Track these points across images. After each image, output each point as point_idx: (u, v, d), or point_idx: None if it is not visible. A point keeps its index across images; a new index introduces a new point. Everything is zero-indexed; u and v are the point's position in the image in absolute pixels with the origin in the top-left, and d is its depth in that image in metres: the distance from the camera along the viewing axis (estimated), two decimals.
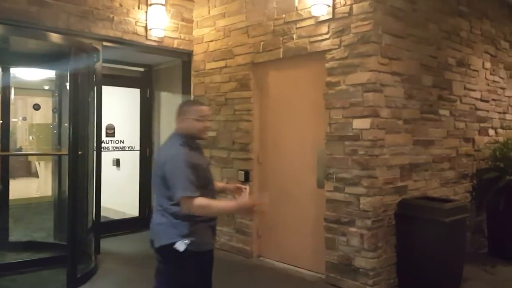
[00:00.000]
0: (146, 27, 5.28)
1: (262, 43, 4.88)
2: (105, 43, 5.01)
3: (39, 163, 9.61)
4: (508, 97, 6.05)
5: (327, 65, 4.21)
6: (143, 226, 6.33)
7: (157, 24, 5.28)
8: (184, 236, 2.44)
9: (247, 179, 5.06)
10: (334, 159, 4.17)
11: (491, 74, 5.61)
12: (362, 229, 3.96)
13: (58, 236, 5.60)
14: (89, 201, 4.67)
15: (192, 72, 5.84)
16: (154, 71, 6.55)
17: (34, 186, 9.66)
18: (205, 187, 2.53)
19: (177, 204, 2.43)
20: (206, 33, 5.59)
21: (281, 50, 4.66)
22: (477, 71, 5.35)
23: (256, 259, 5.04)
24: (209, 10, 5.56)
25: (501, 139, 5.62)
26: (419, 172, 4.46)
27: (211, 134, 5.52)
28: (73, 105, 4.05)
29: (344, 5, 4.08)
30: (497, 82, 5.76)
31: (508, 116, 6.05)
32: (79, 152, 4.15)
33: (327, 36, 4.22)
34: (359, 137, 3.97)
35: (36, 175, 10.04)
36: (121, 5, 5.07)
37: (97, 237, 4.94)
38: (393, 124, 4.12)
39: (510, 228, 5.07)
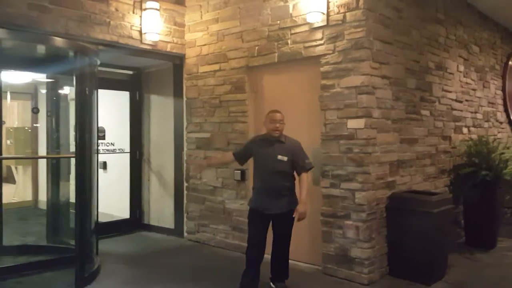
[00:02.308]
0: (140, 31, 5.40)
1: (256, 47, 5.10)
2: (101, 47, 5.09)
3: (16, 168, 9.42)
4: (479, 97, 6.56)
5: (322, 69, 4.49)
6: (135, 228, 6.45)
7: (151, 28, 5.40)
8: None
9: (243, 178, 5.27)
10: (329, 157, 4.45)
11: (464, 76, 6.09)
12: (358, 222, 4.26)
13: (52, 239, 5.62)
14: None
15: (185, 75, 5.99)
16: (144, 74, 6.64)
17: (10, 191, 9.45)
18: (256, 166, 3.99)
19: None
20: (199, 37, 5.76)
21: (276, 54, 4.91)
22: (453, 73, 5.79)
23: None
24: (201, 15, 5.73)
25: (473, 136, 6.09)
26: (405, 168, 4.82)
27: (205, 135, 5.72)
28: (80, 109, 4.14)
29: (338, 13, 4.37)
30: (469, 84, 6.25)
31: (478, 116, 6.56)
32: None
33: (321, 42, 4.50)
34: (353, 136, 4.27)
35: (8, 180, 9.81)
36: (117, 10, 5.17)
37: (97, 238, 5.01)
38: (383, 124, 4.45)
39: (485, 219, 5.52)
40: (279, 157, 3.83)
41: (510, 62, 7.73)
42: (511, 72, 7.81)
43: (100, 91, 5.94)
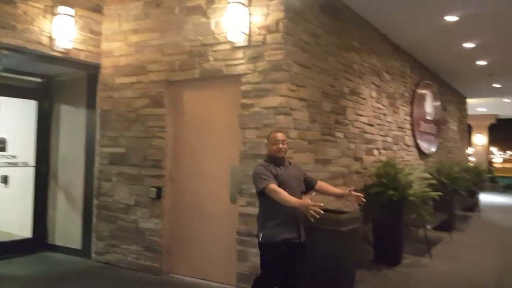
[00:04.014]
0: (51, 37, 5.04)
1: (177, 62, 5.00)
2: (5, 52, 4.67)
3: None
4: (389, 122, 7.01)
5: (243, 88, 4.50)
6: (37, 248, 5.91)
7: (63, 34, 5.07)
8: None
9: (159, 196, 5.07)
10: (247, 176, 4.41)
11: (376, 102, 6.48)
12: None
13: None
14: None
15: (99, 86, 5.69)
16: (55, 83, 6.19)
17: None
18: None
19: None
20: (116, 47, 5.52)
21: (198, 70, 4.84)
22: (365, 99, 6.13)
23: (166, 276, 5.04)
24: (119, 25, 5.51)
25: (383, 158, 6.46)
26: None
27: (119, 150, 5.45)
28: None
29: (259, 34, 4.43)
30: (381, 109, 6.66)
31: (388, 139, 6.99)
32: None
33: (242, 61, 4.52)
34: None
35: None
36: (25, 13, 4.79)
37: None
38: (299, 144, 4.55)
39: (391, 236, 5.84)
40: (298, 176, 3.58)
41: (418, 90, 8.39)
42: (419, 99, 8.47)
43: (3, 99, 5.48)
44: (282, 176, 3.40)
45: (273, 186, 3.23)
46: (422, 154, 8.71)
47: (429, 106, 9.13)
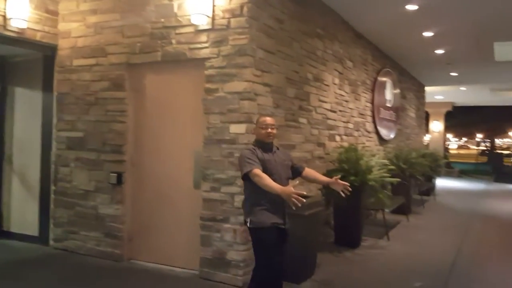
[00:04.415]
0: (5, 16, 4.77)
1: (138, 44, 4.86)
2: None
3: None
4: (351, 109, 7.13)
5: (206, 72, 4.45)
6: None
7: (17, 14, 4.80)
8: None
9: (119, 181, 4.97)
10: (211, 161, 4.42)
11: (338, 88, 6.57)
12: (235, 225, 4.30)
13: None
14: None
15: (56, 68, 5.46)
16: (8, 64, 5.88)
17: None
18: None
19: None
20: (74, 28, 5.30)
21: (160, 53, 4.73)
22: (328, 85, 6.21)
23: (127, 262, 4.98)
24: (77, 5, 5.28)
25: (345, 144, 6.59)
26: None
27: (78, 134, 5.28)
28: None
29: (223, 18, 4.37)
30: (343, 96, 6.76)
31: (350, 125, 7.13)
32: None
33: (206, 45, 4.46)
34: (235, 141, 4.30)
35: None
36: None
37: None
38: None
39: (351, 220, 6.00)
40: (286, 162, 3.51)
41: (378, 78, 8.57)
42: (380, 87, 8.66)
43: None
44: (269, 161, 3.32)
45: (257, 171, 3.15)
46: (381, 140, 8.96)
47: (389, 94, 9.37)
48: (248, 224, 3.31)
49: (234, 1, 4.32)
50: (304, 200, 3.03)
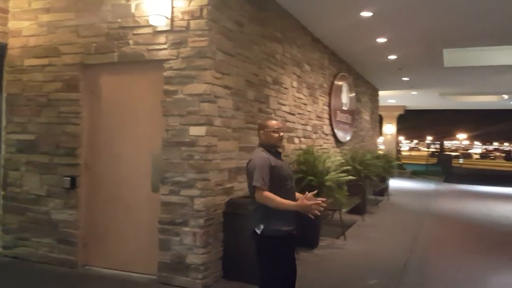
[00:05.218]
0: None
1: (94, 44, 4.74)
2: None
3: None
4: (309, 111, 7.27)
5: (165, 74, 4.39)
6: None
7: None
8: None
9: (73, 185, 4.81)
10: (170, 164, 4.37)
11: (297, 92, 6.68)
12: (195, 228, 4.27)
13: None
14: None
15: (6, 68, 5.21)
16: None
17: None
18: (281, 183, 3.11)
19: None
20: (26, 27, 5.09)
21: (116, 54, 4.63)
22: (287, 88, 6.30)
23: (82, 268, 4.82)
24: (29, 3, 5.08)
25: (303, 146, 6.71)
26: (243, 174, 4.96)
27: (29, 137, 5.07)
28: None
29: (182, 19, 4.34)
30: (301, 99, 6.88)
31: (308, 128, 7.26)
32: None
33: (165, 46, 4.41)
34: (195, 143, 4.27)
35: None
36: None
37: None
38: (224, 132, 4.57)
39: (311, 221, 6.08)
40: (291, 168, 3.44)
41: (335, 82, 8.79)
42: (336, 90, 8.88)
43: None
44: (282, 167, 3.18)
45: (267, 193, 3.00)
46: (338, 142, 9.19)
47: (345, 97, 9.63)
48: (259, 231, 3.10)
49: (193, 3, 4.31)
50: (322, 208, 3.02)
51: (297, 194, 3.33)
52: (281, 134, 3.30)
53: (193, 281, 4.26)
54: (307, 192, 3.12)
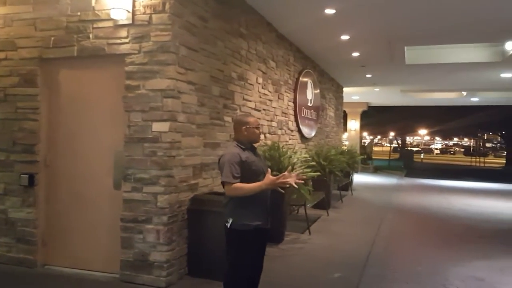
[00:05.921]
0: None
1: (52, 38, 4.59)
2: None
3: None
4: (274, 108, 7.32)
5: (127, 68, 4.31)
6: None
7: None
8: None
9: (31, 183, 4.66)
10: (133, 160, 4.30)
11: (262, 88, 6.70)
12: (159, 225, 4.23)
13: None
14: None
15: None
16: None
17: None
18: (252, 178, 3.10)
19: None
20: None
21: (76, 48, 4.50)
22: (253, 84, 6.31)
23: (42, 268, 4.69)
24: None
25: (268, 142, 6.75)
26: (208, 171, 5.01)
27: None
28: None
29: (144, 13, 4.27)
30: (267, 95, 6.92)
31: (273, 124, 7.31)
32: None
33: (126, 41, 4.32)
34: (158, 139, 4.22)
35: None
36: None
37: None
38: (188, 128, 4.53)
39: (276, 217, 6.04)
40: (265, 163, 3.45)
41: (300, 78, 8.87)
42: (302, 87, 8.97)
43: None
44: (253, 162, 3.22)
45: (235, 185, 3.05)
46: (303, 138, 9.30)
47: (310, 94, 9.75)
48: (228, 225, 3.16)
49: None
50: (294, 175, 3.06)
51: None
52: (261, 130, 3.55)
53: (156, 279, 4.22)
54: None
